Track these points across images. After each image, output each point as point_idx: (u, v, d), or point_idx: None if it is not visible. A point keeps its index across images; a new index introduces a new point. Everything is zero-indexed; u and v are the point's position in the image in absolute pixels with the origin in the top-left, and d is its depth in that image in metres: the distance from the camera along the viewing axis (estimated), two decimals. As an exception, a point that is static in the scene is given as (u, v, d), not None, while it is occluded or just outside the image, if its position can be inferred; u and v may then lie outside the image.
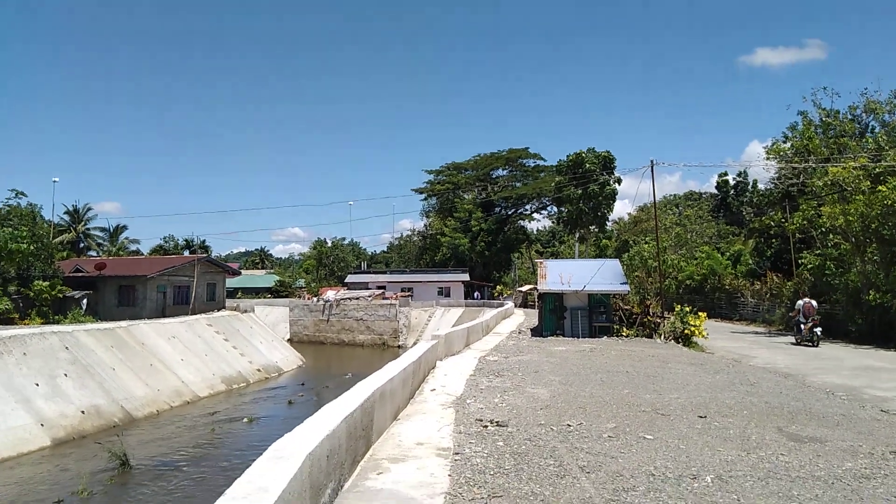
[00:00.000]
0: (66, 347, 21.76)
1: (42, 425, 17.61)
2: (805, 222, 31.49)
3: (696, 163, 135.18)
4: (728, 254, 52.42)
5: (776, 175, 41.79)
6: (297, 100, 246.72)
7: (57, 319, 30.41)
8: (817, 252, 31.21)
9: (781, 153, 34.91)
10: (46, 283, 31.96)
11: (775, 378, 14.19)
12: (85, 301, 35.24)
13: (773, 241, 48.21)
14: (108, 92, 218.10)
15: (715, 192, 78.64)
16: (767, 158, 36.42)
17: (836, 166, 28.28)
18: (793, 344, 24.16)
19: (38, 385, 18.95)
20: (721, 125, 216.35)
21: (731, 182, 73.94)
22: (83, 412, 19.36)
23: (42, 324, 28.38)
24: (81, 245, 62.73)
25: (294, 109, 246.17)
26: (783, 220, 37.78)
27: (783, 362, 18.58)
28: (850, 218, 25.77)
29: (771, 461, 6.66)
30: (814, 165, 30.84)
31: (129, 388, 22.33)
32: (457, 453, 6.88)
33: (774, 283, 37.82)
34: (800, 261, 33.56)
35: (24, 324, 28.28)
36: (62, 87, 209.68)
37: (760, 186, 61.19)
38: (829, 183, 28.25)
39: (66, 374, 20.39)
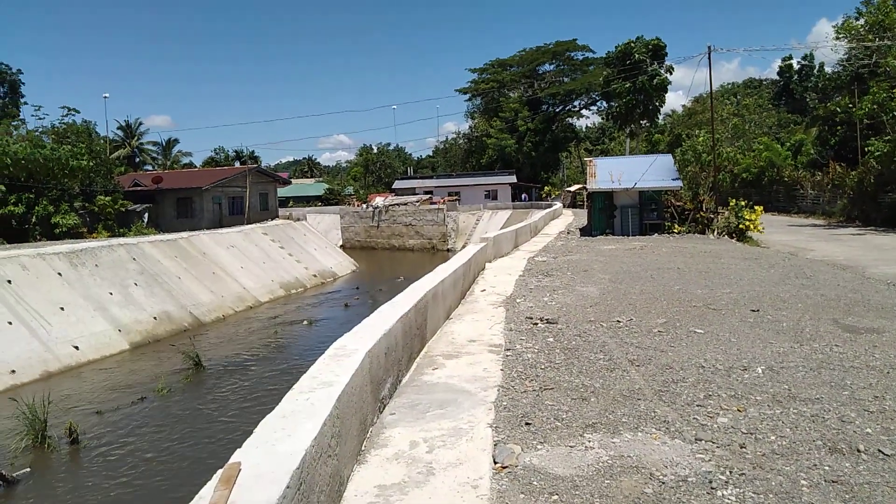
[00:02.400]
0: (134, 258, 22.93)
1: (119, 331, 18.94)
2: (875, 107, 29.45)
3: (757, 47, 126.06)
4: (788, 144, 49.89)
5: (846, 56, 38.86)
6: (336, 4, 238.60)
7: (122, 232, 31.85)
8: (886, 138, 29.35)
9: (853, 31, 32.20)
10: (109, 198, 33.23)
11: (833, 270, 13.88)
12: (146, 214, 36.65)
13: (839, 128, 45.46)
14: (151, 6, 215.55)
15: (777, 78, 73.92)
16: (837, 38, 33.69)
17: (914, 43, 26.07)
18: None
19: (111, 294, 20.21)
20: (786, 3, 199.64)
21: (795, 66, 69.10)
22: (155, 318, 20.65)
23: (109, 237, 29.81)
24: (137, 160, 64.33)
25: (335, 14, 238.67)
26: (850, 106, 35.41)
27: (842, 254, 18.09)
28: (927, 100, 24.03)
29: (824, 352, 6.64)
30: (889, 43, 28.47)
31: (195, 295, 23.59)
32: (508, 349, 7.11)
33: (837, 174, 36.07)
34: (866, 148, 31.68)
35: (93, 237, 29.76)
36: (103, 7, 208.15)
37: (827, 69, 57.28)
38: (906, 62, 26.16)
39: (136, 284, 21.62)
